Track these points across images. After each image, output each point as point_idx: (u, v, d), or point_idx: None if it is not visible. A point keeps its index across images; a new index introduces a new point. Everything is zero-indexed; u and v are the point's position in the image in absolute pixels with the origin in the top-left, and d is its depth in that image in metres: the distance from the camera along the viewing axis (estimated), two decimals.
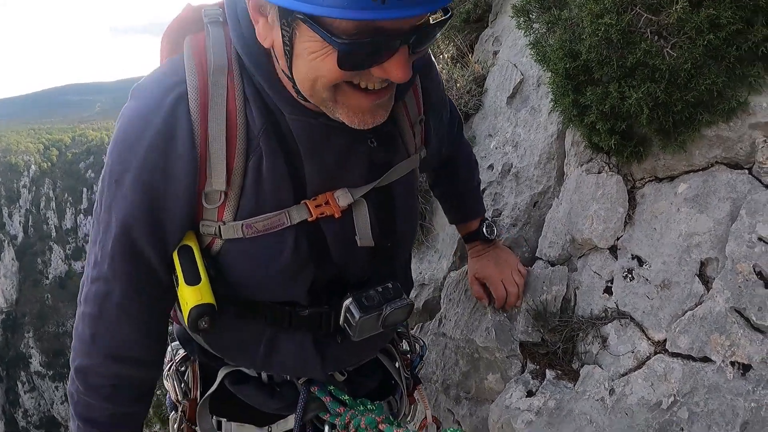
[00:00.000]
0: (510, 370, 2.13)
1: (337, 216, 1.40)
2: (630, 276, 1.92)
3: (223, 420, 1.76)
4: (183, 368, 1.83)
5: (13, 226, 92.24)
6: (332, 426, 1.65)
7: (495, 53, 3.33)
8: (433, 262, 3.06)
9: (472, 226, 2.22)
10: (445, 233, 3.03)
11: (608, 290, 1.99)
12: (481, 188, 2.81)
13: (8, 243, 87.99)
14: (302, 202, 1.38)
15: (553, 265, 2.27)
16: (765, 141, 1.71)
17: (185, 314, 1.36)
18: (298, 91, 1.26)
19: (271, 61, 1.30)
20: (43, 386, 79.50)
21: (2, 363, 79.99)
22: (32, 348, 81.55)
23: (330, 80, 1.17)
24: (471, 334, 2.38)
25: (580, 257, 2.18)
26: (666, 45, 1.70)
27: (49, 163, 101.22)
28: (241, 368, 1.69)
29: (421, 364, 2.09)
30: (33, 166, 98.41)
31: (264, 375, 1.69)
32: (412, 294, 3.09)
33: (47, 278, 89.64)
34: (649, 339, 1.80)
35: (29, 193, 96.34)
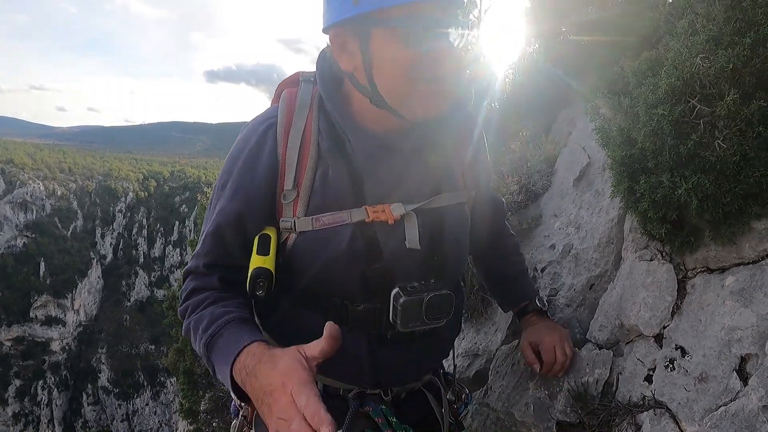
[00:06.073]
0: None
1: (390, 222, 1.66)
2: (671, 366, 1.90)
3: None
4: None
5: (104, 247, 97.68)
6: None
7: (569, 134, 3.36)
8: (489, 334, 3.07)
9: (524, 304, 2.32)
10: None
11: (649, 378, 1.96)
12: (542, 267, 2.84)
13: (97, 261, 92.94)
14: (363, 206, 1.65)
15: (601, 348, 2.26)
16: None
17: (248, 279, 1.63)
18: (378, 103, 1.59)
19: (346, 101, 1.68)
20: (107, 401, 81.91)
21: (72, 372, 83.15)
22: (103, 363, 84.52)
23: (404, 69, 1.50)
24: (511, 407, 2.39)
25: (627, 343, 2.16)
26: (718, 136, 1.70)
27: (146, 193, 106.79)
28: None
29: (466, 411, 2.11)
30: (130, 194, 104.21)
31: (320, 384, 1.78)
32: (465, 362, 3.11)
33: (129, 300, 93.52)
34: (681, 431, 1.77)
35: (123, 218, 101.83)
